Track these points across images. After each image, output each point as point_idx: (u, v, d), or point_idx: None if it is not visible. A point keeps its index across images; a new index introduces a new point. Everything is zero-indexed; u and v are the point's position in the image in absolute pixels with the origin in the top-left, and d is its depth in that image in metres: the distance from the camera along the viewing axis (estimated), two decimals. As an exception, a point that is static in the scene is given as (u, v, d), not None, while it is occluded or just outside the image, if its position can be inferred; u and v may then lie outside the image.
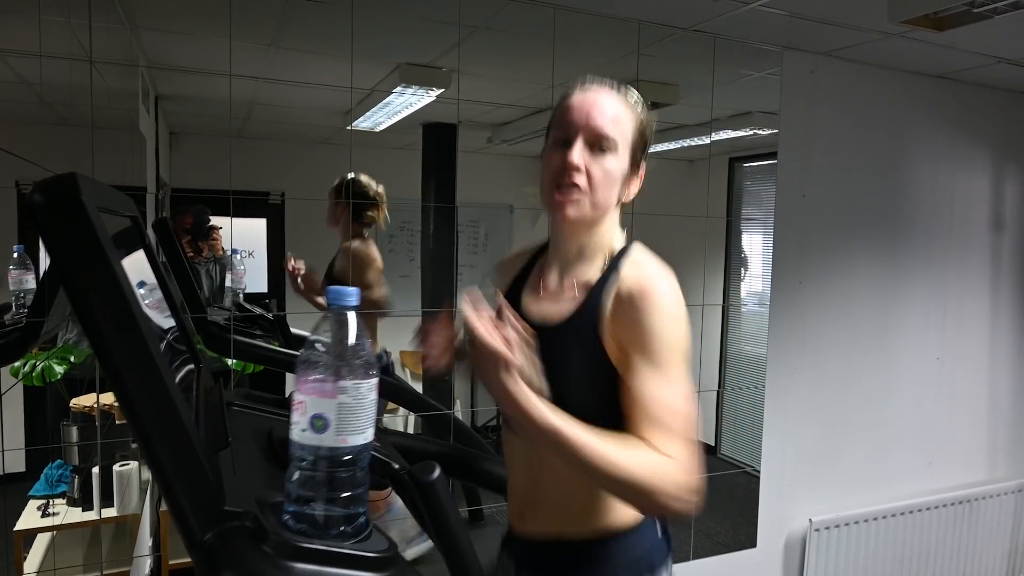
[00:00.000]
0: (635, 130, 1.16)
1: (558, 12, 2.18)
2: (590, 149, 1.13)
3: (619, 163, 1.14)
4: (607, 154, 1.13)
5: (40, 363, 1.91)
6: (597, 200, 1.14)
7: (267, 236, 2.88)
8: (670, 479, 0.97)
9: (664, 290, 1.09)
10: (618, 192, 1.17)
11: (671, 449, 0.99)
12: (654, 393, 1.02)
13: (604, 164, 1.13)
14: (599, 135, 1.13)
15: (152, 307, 1.13)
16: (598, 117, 1.13)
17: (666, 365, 1.04)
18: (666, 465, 0.97)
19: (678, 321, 1.07)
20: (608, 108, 1.14)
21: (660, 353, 1.04)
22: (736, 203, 3.11)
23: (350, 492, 0.69)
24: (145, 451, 0.64)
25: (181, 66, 2.51)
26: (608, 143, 1.13)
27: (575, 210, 1.14)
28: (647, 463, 0.97)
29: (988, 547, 3.24)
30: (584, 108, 1.14)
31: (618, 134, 1.13)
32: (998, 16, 2.09)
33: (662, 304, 1.07)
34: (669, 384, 1.03)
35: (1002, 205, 3.19)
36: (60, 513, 1.96)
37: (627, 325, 1.08)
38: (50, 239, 0.59)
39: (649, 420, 1.01)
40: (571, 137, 1.14)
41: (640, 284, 1.09)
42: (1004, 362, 3.27)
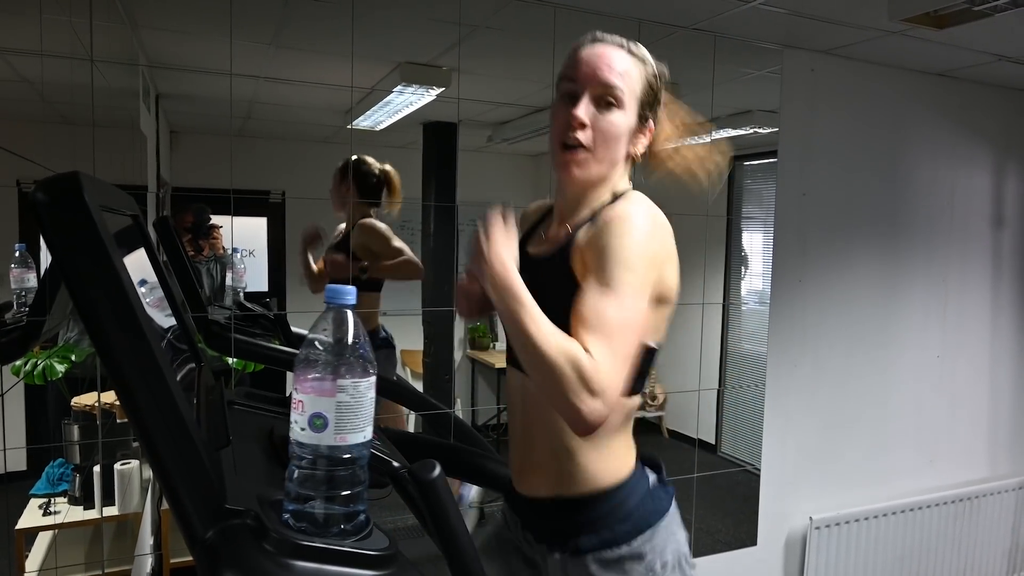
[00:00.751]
0: (643, 84, 1.16)
1: (558, 11, 2.18)
2: (596, 104, 1.13)
3: (626, 118, 1.14)
4: (614, 109, 1.13)
5: (41, 362, 1.91)
6: (602, 156, 1.14)
7: (267, 235, 2.89)
8: (581, 372, 0.96)
9: (633, 215, 1.07)
10: (624, 147, 1.16)
11: (594, 350, 0.98)
12: (593, 304, 1.02)
13: (610, 119, 1.13)
14: (606, 89, 1.12)
15: (153, 306, 1.14)
16: (605, 71, 1.12)
17: (613, 282, 1.02)
18: (583, 359, 0.96)
19: (640, 244, 1.05)
20: (616, 62, 1.13)
21: (611, 271, 1.03)
22: (736, 201, 3.11)
23: (350, 490, 0.69)
24: (147, 449, 0.64)
25: (182, 65, 2.51)
26: (615, 97, 1.12)
27: (580, 170, 1.14)
28: (566, 352, 0.97)
29: (989, 544, 3.24)
30: (592, 62, 1.14)
31: (626, 88, 1.13)
32: (998, 14, 2.09)
33: (625, 227, 1.05)
34: (612, 299, 1.01)
35: (1002, 202, 3.19)
36: (61, 512, 1.97)
37: (591, 244, 1.08)
38: (53, 237, 0.60)
39: (583, 325, 1.00)
40: (579, 91, 1.14)
41: (613, 212, 1.09)
42: (1005, 359, 3.27)
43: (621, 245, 1.04)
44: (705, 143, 1.28)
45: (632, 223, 1.06)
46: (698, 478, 2.64)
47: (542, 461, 1.20)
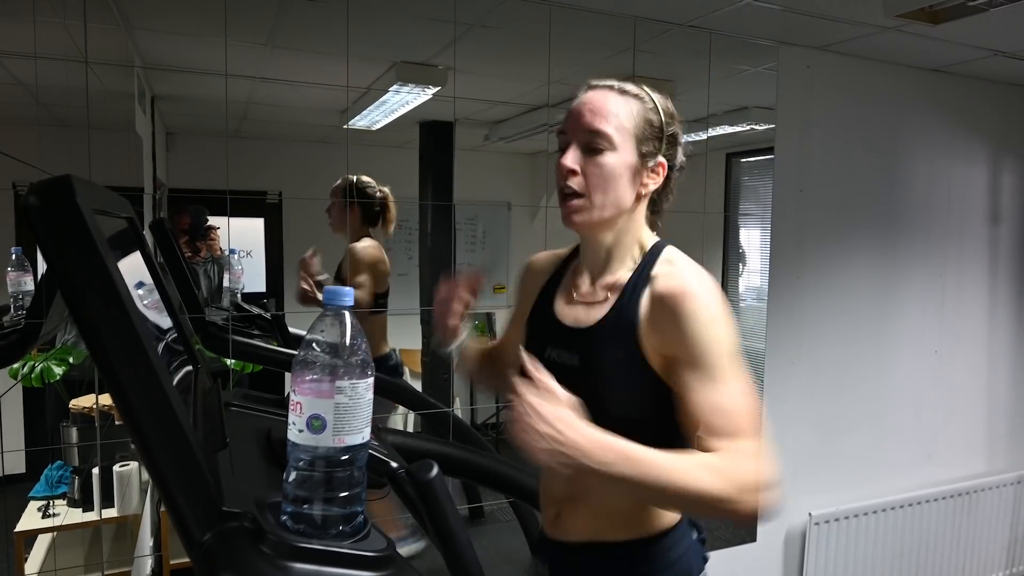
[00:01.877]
0: (640, 121, 1.12)
1: (554, 9, 2.18)
2: (586, 150, 1.12)
3: (620, 158, 1.11)
4: (604, 152, 1.10)
5: (39, 364, 1.91)
6: (598, 202, 1.11)
7: (265, 236, 2.88)
8: (733, 484, 0.94)
9: (699, 291, 1.05)
10: (629, 188, 1.13)
11: (732, 453, 0.96)
12: (707, 401, 1.00)
13: (600, 163, 1.11)
14: (589, 134, 1.11)
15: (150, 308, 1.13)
16: (588, 116, 1.11)
17: (714, 369, 1.01)
18: (727, 471, 0.94)
19: (719, 320, 1.04)
20: (601, 105, 1.11)
21: (707, 359, 1.01)
22: (733, 198, 3.11)
23: (348, 492, 0.69)
24: (143, 453, 0.64)
25: (177, 66, 2.51)
26: (601, 141, 1.10)
27: (579, 216, 1.13)
28: (708, 476, 0.94)
29: (988, 539, 3.25)
30: (577, 110, 1.13)
31: (613, 129, 1.10)
32: (994, 9, 2.09)
33: (699, 307, 1.03)
34: (721, 387, 1.00)
35: (999, 198, 3.19)
36: (61, 514, 1.97)
37: (668, 334, 1.05)
38: (45, 242, 0.60)
39: (707, 430, 0.99)
40: (567, 141, 1.13)
41: (672, 288, 1.06)
42: (1002, 354, 3.28)
43: (709, 333, 1.02)
44: None
45: (700, 299, 1.04)
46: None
47: (586, 510, 1.16)
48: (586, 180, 1.11)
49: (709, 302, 1.04)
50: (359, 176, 2.52)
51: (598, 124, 1.10)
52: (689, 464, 0.95)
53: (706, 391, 1.00)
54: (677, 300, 1.04)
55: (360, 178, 2.52)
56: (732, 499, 0.93)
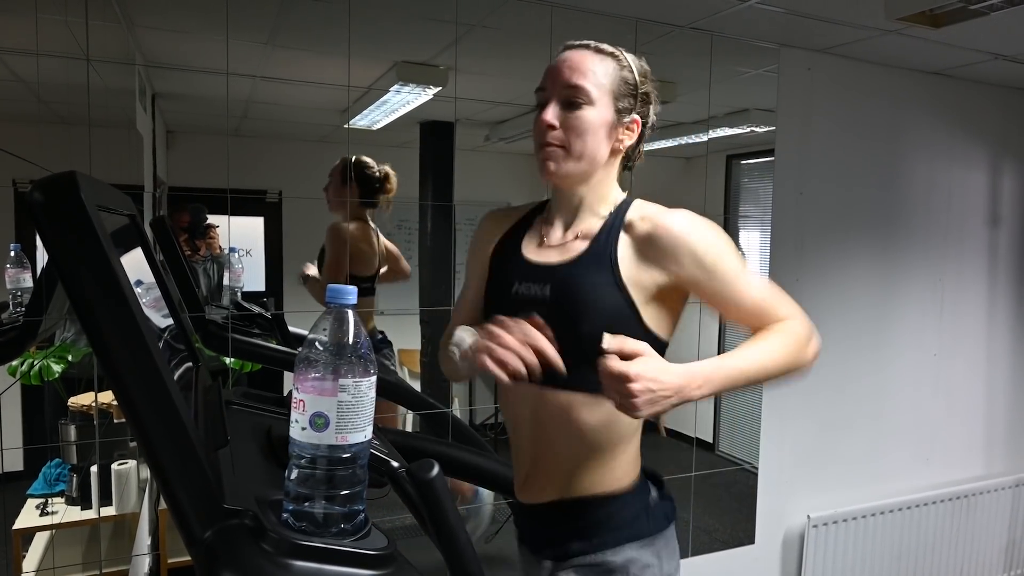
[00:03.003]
0: (616, 78, 1.17)
1: (555, 10, 2.18)
2: (564, 106, 1.16)
3: (598, 113, 1.15)
4: (583, 107, 1.15)
5: (38, 362, 1.91)
6: (577, 152, 1.16)
7: (265, 234, 2.87)
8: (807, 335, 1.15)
9: (689, 220, 1.15)
10: (605, 142, 1.18)
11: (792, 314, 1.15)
12: (754, 299, 1.15)
13: (579, 116, 1.15)
14: (569, 89, 1.15)
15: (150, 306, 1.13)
16: (567, 72, 1.15)
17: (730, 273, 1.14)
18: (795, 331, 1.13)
19: (715, 234, 1.16)
20: (579, 62, 1.16)
21: (721, 268, 1.13)
22: (733, 201, 3.11)
23: (349, 490, 0.69)
24: (145, 449, 0.64)
25: (178, 64, 2.50)
26: (580, 95, 1.15)
27: (555, 165, 1.17)
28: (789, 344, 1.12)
29: (985, 542, 3.25)
30: (555, 67, 1.17)
31: (592, 84, 1.14)
32: (995, 13, 2.10)
33: (696, 232, 1.14)
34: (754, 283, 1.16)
35: (998, 201, 3.20)
36: (59, 512, 1.96)
37: (673, 263, 1.13)
38: (49, 237, 0.59)
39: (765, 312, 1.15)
40: (546, 98, 1.17)
41: (658, 225, 1.15)
42: (1001, 357, 3.28)
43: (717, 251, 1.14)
44: None
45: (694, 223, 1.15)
46: (696, 477, 2.64)
47: (550, 468, 1.20)
48: (565, 133, 1.16)
49: (699, 225, 1.15)
50: (359, 156, 2.50)
51: (577, 79, 1.15)
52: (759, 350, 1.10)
53: (742, 294, 1.14)
54: (670, 233, 1.14)
55: (360, 158, 2.50)
56: (799, 357, 1.13)
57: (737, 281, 1.14)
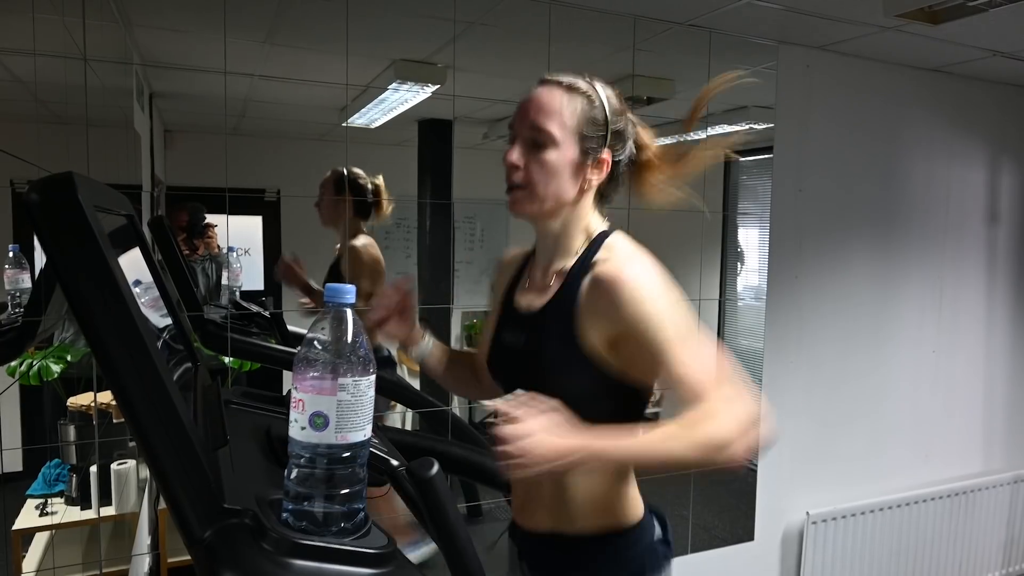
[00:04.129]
0: (583, 118, 1.16)
1: (554, 7, 2.18)
2: (529, 145, 1.16)
3: (560, 154, 1.15)
4: (547, 148, 1.15)
5: (37, 362, 1.91)
6: (539, 194, 1.16)
7: (263, 234, 2.87)
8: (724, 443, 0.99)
9: (632, 274, 1.09)
10: (571, 183, 1.16)
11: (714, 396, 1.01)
12: (675, 375, 1.04)
13: (542, 158, 1.15)
14: (532, 131, 1.15)
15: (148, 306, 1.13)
16: (532, 113, 1.16)
17: (663, 343, 1.05)
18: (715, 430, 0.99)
19: (656, 296, 1.08)
20: (546, 102, 1.16)
21: (653, 335, 1.05)
22: (732, 198, 3.11)
23: (349, 489, 0.69)
24: (144, 449, 0.64)
25: (175, 63, 2.50)
26: (542, 137, 1.15)
27: (520, 207, 1.18)
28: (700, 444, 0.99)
29: (984, 538, 3.26)
30: (523, 106, 1.18)
31: (555, 126, 1.14)
32: (993, 9, 2.10)
33: (634, 289, 1.07)
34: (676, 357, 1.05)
35: (997, 198, 3.20)
36: (58, 512, 1.96)
37: (610, 319, 1.08)
38: (47, 238, 0.59)
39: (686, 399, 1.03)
40: (513, 136, 1.18)
41: (607, 273, 1.10)
42: (1000, 354, 3.28)
43: (648, 311, 1.06)
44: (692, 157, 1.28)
45: (639, 282, 1.07)
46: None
47: (545, 496, 1.20)
48: (528, 174, 1.16)
49: (644, 282, 1.08)
50: (349, 168, 2.50)
51: (540, 121, 1.15)
52: (663, 440, 0.99)
53: (663, 367, 1.05)
54: (613, 285, 1.08)
55: (350, 170, 2.50)
56: (710, 460, 0.99)
57: (664, 353, 1.05)
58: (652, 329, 1.05)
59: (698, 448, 0.98)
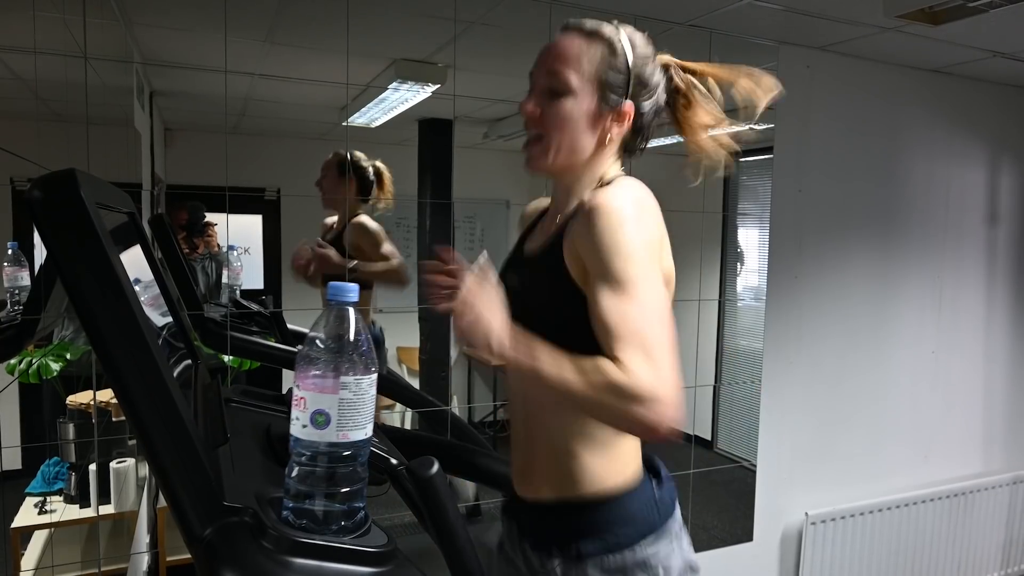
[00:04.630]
0: (604, 64, 1.10)
1: (554, 7, 2.18)
2: (547, 94, 1.11)
3: (578, 103, 1.10)
4: (564, 96, 1.10)
5: (36, 360, 1.90)
6: (557, 144, 1.11)
7: (263, 232, 2.87)
8: (620, 391, 0.92)
9: (617, 202, 1.02)
10: (588, 134, 1.11)
11: (624, 356, 0.94)
12: (608, 308, 0.98)
13: (559, 107, 1.10)
14: (548, 77, 1.11)
15: (148, 304, 1.13)
16: (549, 61, 1.11)
17: (620, 278, 0.98)
18: (613, 378, 0.93)
19: (632, 229, 1.00)
20: (564, 49, 1.11)
21: (613, 268, 0.98)
22: (732, 198, 3.11)
23: (350, 487, 0.69)
24: (145, 447, 0.64)
25: (176, 62, 2.50)
26: (558, 84, 1.10)
27: (536, 160, 1.14)
28: (596, 382, 0.94)
29: (983, 539, 3.26)
30: (542, 54, 1.13)
31: (571, 73, 1.09)
32: (993, 10, 2.10)
33: (611, 215, 1.00)
34: (624, 297, 0.98)
35: (997, 198, 3.20)
36: (57, 510, 1.96)
37: (581, 245, 1.03)
38: (48, 235, 0.59)
39: (609, 337, 0.97)
40: (531, 87, 1.14)
41: (590, 201, 1.03)
42: (999, 355, 3.29)
43: (614, 238, 0.99)
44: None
45: (617, 210, 1.00)
46: (694, 474, 2.64)
47: (545, 464, 1.17)
48: (544, 124, 1.12)
49: (621, 214, 1.01)
50: (351, 151, 2.50)
51: (557, 68, 1.10)
52: (581, 369, 0.95)
53: (606, 296, 0.98)
54: (591, 212, 1.01)
55: (352, 153, 2.50)
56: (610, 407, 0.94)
57: (611, 285, 0.98)
58: (609, 258, 0.99)
59: (601, 391, 0.93)
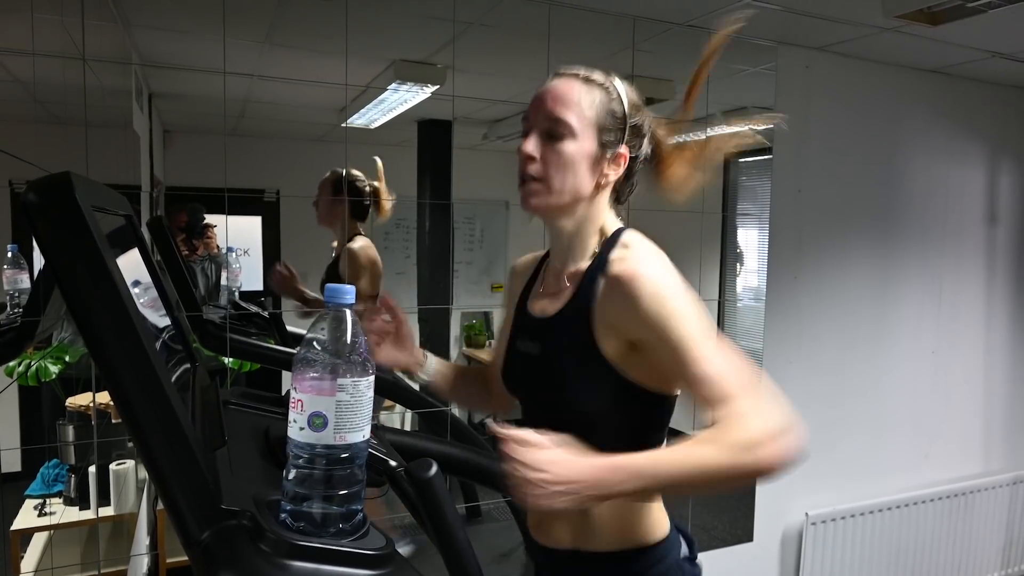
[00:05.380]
0: (602, 109, 1.12)
1: (553, 8, 2.18)
2: (546, 137, 1.12)
3: (579, 146, 1.10)
4: (564, 139, 1.10)
5: (35, 363, 1.90)
6: (556, 187, 1.11)
7: (262, 234, 2.88)
8: (764, 436, 0.94)
9: (650, 271, 1.04)
10: (588, 176, 1.12)
11: (750, 410, 0.96)
12: (690, 376, 0.98)
13: (559, 149, 1.10)
14: (550, 121, 1.11)
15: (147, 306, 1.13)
16: (549, 103, 1.11)
17: (684, 341, 0.99)
18: (752, 428, 0.94)
19: (674, 294, 1.02)
20: (564, 93, 1.11)
21: (673, 334, 0.99)
22: (732, 198, 3.11)
23: (347, 490, 0.69)
24: (142, 450, 0.64)
25: (175, 64, 2.50)
26: (560, 127, 1.10)
27: (536, 200, 1.13)
28: (734, 441, 0.93)
29: (983, 539, 3.25)
30: (539, 97, 1.13)
31: (573, 116, 1.10)
32: (992, 11, 2.10)
33: (652, 285, 1.02)
34: (698, 357, 0.98)
35: (996, 198, 3.20)
36: (57, 512, 1.96)
37: (627, 319, 1.03)
38: (44, 238, 0.59)
39: (709, 399, 0.97)
40: (529, 127, 1.14)
41: (624, 271, 1.04)
42: (999, 354, 3.28)
43: (667, 309, 1.00)
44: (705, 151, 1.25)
45: (657, 280, 1.02)
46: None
47: (565, 513, 1.11)
48: (544, 166, 1.12)
49: (662, 280, 1.03)
50: (348, 170, 2.50)
51: (559, 112, 1.10)
52: (691, 450, 0.93)
53: (686, 367, 0.98)
54: (630, 283, 1.02)
55: (349, 172, 2.50)
56: (743, 463, 0.92)
57: (687, 351, 0.98)
58: (672, 327, 0.99)
59: (729, 450, 0.92)
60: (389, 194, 2.54)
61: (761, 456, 0.93)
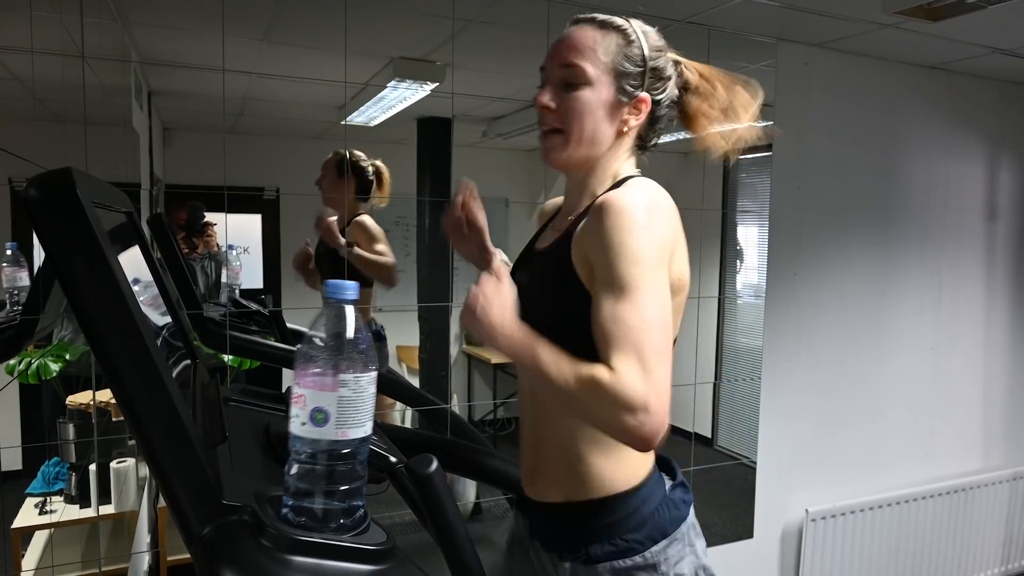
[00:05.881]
0: (619, 54, 1.10)
1: (552, 5, 2.17)
2: (562, 86, 1.10)
3: (596, 93, 1.08)
4: (580, 87, 1.08)
5: (35, 361, 1.90)
6: (578, 136, 1.10)
7: (262, 232, 2.87)
8: (610, 395, 0.91)
9: (628, 202, 0.98)
10: (607, 124, 1.10)
11: (618, 363, 0.92)
12: (608, 312, 0.96)
13: (575, 97, 1.09)
14: (564, 69, 1.09)
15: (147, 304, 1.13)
16: (564, 51, 1.10)
17: (623, 282, 0.96)
18: (604, 383, 0.91)
19: (641, 232, 0.97)
20: (579, 40, 1.09)
21: (617, 270, 0.96)
22: (731, 195, 3.11)
23: (349, 485, 0.69)
24: (143, 447, 0.64)
25: (174, 61, 2.50)
26: (576, 76, 1.08)
27: (555, 153, 1.12)
28: (587, 382, 0.92)
29: (983, 536, 3.26)
30: (556, 44, 1.12)
31: (588, 63, 1.08)
32: (992, 6, 2.10)
33: (620, 215, 0.97)
34: (625, 301, 0.95)
35: (996, 194, 3.20)
36: (58, 510, 1.96)
37: (590, 244, 1.01)
38: (45, 234, 0.59)
39: (606, 342, 0.95)
40: (545, 77, 1.12)
41: (604, 200, 1.01)
42: (999, 351, 3.29)
43: (621, 239, 0.96)
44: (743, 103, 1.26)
45: (627, 210, 0.97)
46: (694, 471, 2.64)
47: (553, 465, 1.16)
48: (562, 117, 1.10)
49: (632, 213, 0.98)
50: (351, 151, 2.51)
51: (573, 59, 1.08)
52: (576, 370, 0.94)
53: (606, 303, 0.96)
54: (602, 210, 0.99)
55: (352, 152, 2.51)
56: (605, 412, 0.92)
57: (613, 287, 0.95)
58: (614, 258, 0.96)
59: (585, 390, 0.92)
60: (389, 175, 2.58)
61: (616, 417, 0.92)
